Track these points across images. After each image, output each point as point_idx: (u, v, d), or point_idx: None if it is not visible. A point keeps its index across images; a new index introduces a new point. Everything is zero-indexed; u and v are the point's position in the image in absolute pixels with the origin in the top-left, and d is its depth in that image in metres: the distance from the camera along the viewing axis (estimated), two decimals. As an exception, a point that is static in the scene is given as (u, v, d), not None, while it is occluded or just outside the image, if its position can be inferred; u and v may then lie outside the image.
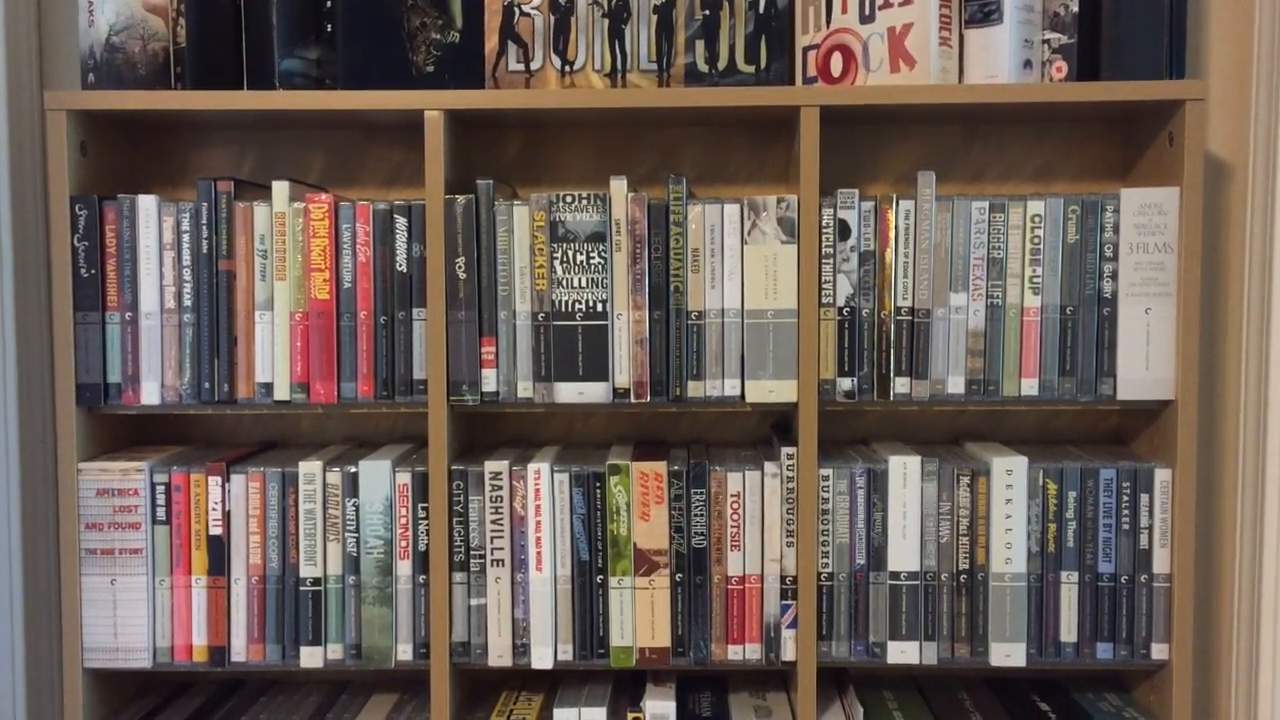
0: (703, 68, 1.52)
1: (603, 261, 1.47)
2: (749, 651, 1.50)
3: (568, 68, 1.53)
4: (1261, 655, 1.45)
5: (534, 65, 1.53)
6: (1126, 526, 1.47)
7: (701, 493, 1.49)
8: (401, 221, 1.48)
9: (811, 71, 1.54)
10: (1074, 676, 1.68)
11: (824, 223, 1.46)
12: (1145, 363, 1.46)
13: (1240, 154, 1.56)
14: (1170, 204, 1.45)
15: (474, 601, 1.50)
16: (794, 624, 1.49)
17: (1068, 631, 1.48)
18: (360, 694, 1.66)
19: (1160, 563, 1.47)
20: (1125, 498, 1.47)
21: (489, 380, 1.49)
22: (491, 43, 1.52)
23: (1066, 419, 1.66)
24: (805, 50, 1.55)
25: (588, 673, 1.66)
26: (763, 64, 1.52)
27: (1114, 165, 1.63)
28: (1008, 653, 1.48)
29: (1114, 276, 1.46)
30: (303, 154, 1.67)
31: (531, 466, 1.49)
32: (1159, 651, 1.48)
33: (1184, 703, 1.47)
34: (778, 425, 1.67)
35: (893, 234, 1.46)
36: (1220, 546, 1.52)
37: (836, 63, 1.52)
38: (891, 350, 1.48)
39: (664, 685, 1.57)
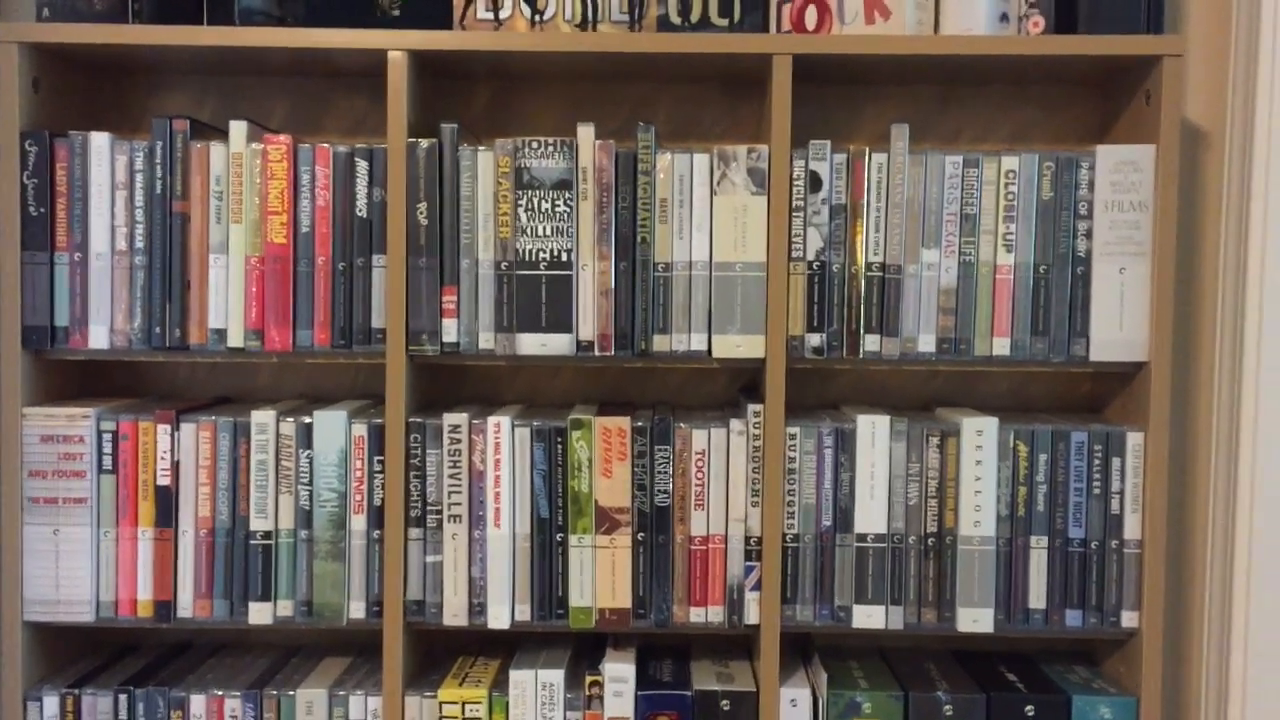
0: (675, 19, 1.49)
1: (568, 210, 1.44)
2: (711, 614, 1.46)
3: (537, 17, 1.49)
4: (1233, 624, 1.42)
5: (503, 14, 1.49)
6: (1098, 491, 1.45)
7: (666, 449, 1.45)
8: (362, 165, 1.44)
9: (786, 25, 1.51)
10: (1042, 649, 1.65)
11: (795, 174, 1.43)
12: (1119, 323, 1.44)
13: (1218, 120, 1.54)
14: (1146, 162, 1.42)
15: (429, 559, 1.46)
16: (758, 586, 1.45)
17: (1036, 598, 1.45)
18: (311, 658, 1.61)
19: (1131, 528, 1.44)
20: (1097, 461, 1.44)
21: (449, 330, 1.45)
22: (459, -14, 1.48)
23: (1039, 386, 1.64)
24: (780, 4, 1.52)
25: (546, 638, 1.62)
26: (736, 17, 1.49)
27: (1091, 128, 1.61)
28: (975, 618, 1.45)
29: (1088, 235, 1.44)
30: (264, 101, 1.63)
31: (492, 420, 1.45)
32: (1129, 619, 1.45)
33: (1154, 672, 1.44)
34: (746, 389, 1.63)
35: (865, 188, 1.44)
36: (1192, 512, 1.50)
37: (811, 16, 1.49)
38: (862, 306, 1.45)
39: (624, 650, 1.53)
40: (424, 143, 1.43)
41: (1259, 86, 1.45)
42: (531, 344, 1.45)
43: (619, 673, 1.46)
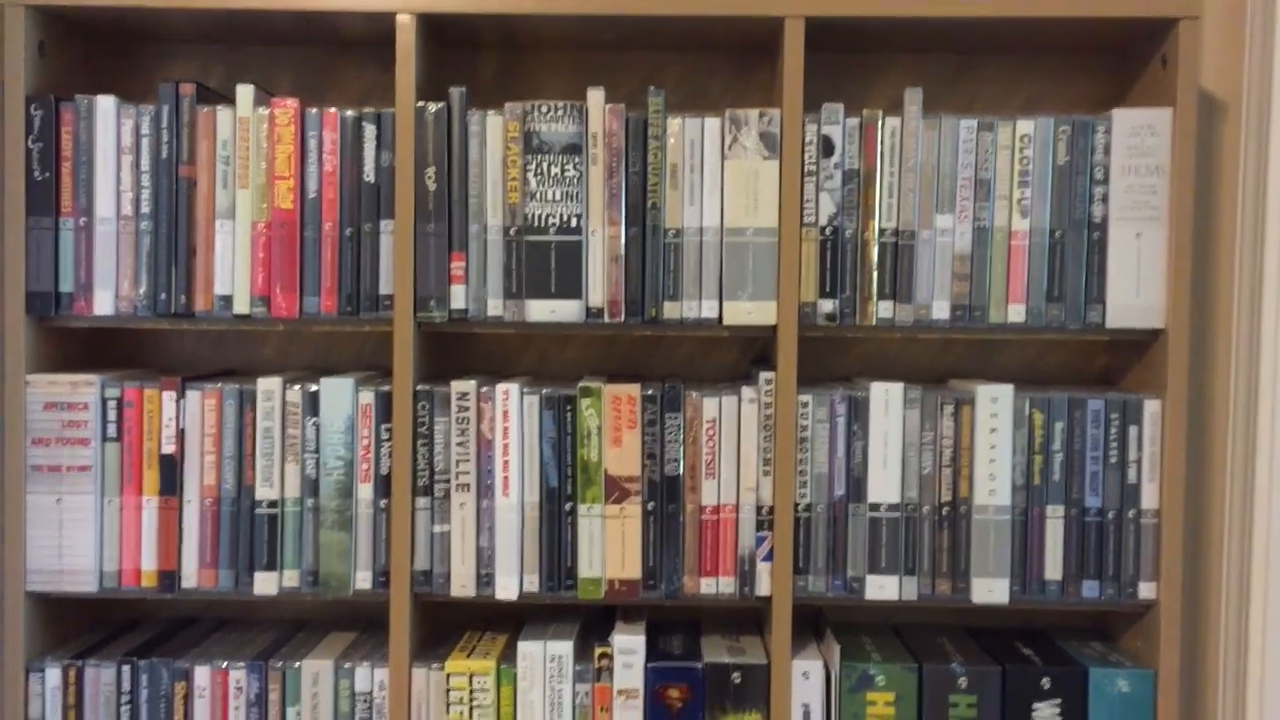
0: (686, -14, 1.47)
1: (578, 175, 1.42)
2: (722, 585, 1.44)
3: (547, -16, 1.48)
4: (1252, 595, 1.40)
5: (512, -19, 1.48)
6: (1114, 460, 1.43)
7: (676, 417, 1.43)
8: (370, 130, 1.43)
9: (797, -9, 1.50)
10: (1058, 625, 1.62)
11: (807, 139, 1.42)
12: (1136, 289, 1.42)
13: (1233, 88, 1.53)
14: (1163, 125, 1.41)
15: (437, 528, 1.44)
16: (769, 556, 1.43)
17: (1053, 568, 1.43)
18: (317, 632, 1.59)
19: (1149, 498, 1.42)
20: (1113, 430, 1.42)
21: (458, 297, 1.43)
22: (468, -50, 1.47)
23: (1054, 359, 1.62)
24: (791, -31, 1.51)
25: (554, 613, 1.60)
26: (747, -17, 1.47)
27: (1106, 98, 1.59)
28: (990, 589, 1.43)
29: (1104, 200, 1.42)
30: (271, 70, 1.62)
31: (500, 387, 1.43)
32: (1146, 590, 1.43)
33: (1172, 644, 1.41)
34: (758, 361, 1.62)
35: (878, 152, 1.42)
36: (1210, 481, 1.48)
37: (823, -19, 1.47)
38: (875, 272, 1.43)
39: (633, 623, 1.51)
40: (432, 106, 1.42)
41: (1276, 53, 1.43)
42: (540, 310, 1.43)
43: (629, 644, 1.44)
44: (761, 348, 1.61)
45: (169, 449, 1.44)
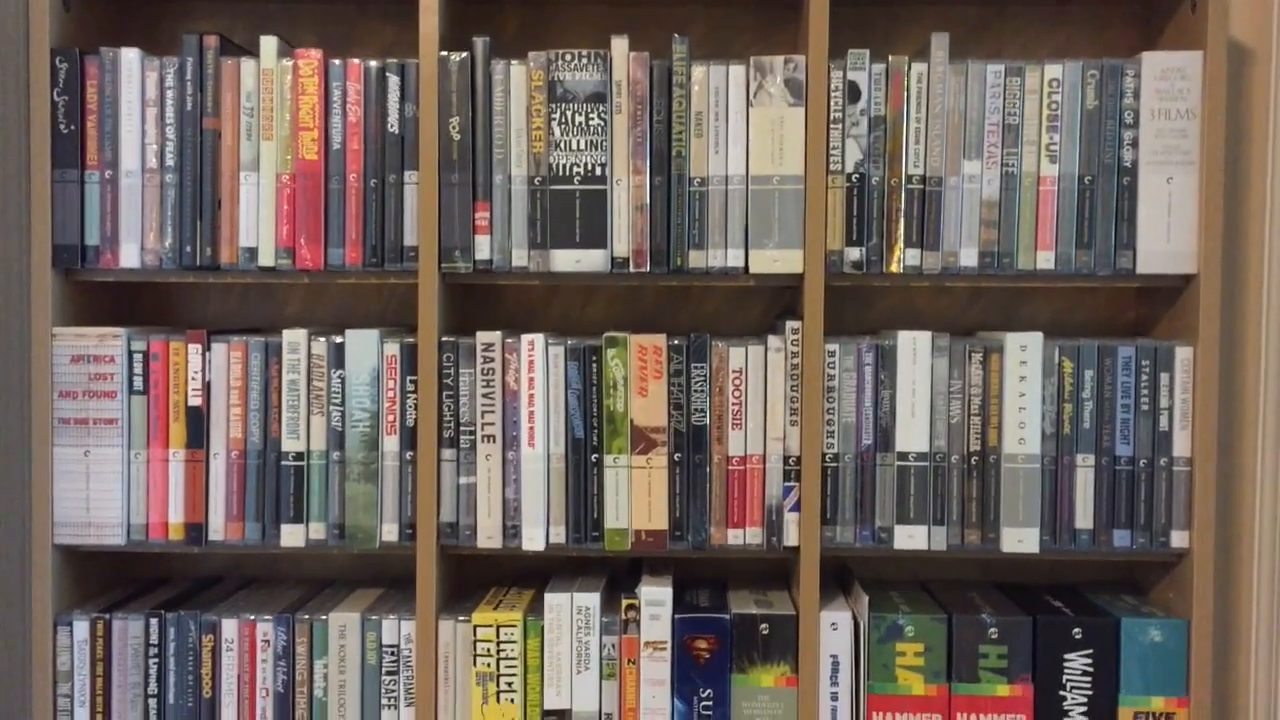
0: (709, -65, 1.47)
1: (602, 123, 1.42)
2: (750, 536, 1.43)
3: (569, -65, 1.47)
4: (1286, 543, 1.39)
5: (534, -67, 1.47)
6: (1145, 407, 1.41)
7: (702, 368, 1.43)
8: (394, 80, 1.42)
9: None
10: (1088, 581, 1.61)
11: (833, 85, 1.41)
12: (1166, 235, 1.41)
13: (1263, 37, 1.50)
14: (1193, 69, 1.39)
15: (463, 480, 1.44)
16: (797, 507, 1.43)
17: (1083, 517, 1.42)
18: (343, 589, 1.59)
19: (1180, 445, 1.41)
20: (1144, 377, 1.41)
21: (482, 247, 1.43)
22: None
23: (1083, 311, 1.60)
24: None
25: (580, 567, 1.59)
26: (771, -68, 1.47)
27: (1133, 47, 1.58)
28: (1020, 538, 1.42)
29: (1134, 144, 1.40)
30: (294, 26, 1.62)
31: (525, 338, 1.42)
32: (1179, 539, 1.41)
33: (1205, 594, 1.40)
34: (784, 314, 1.60)
35: (905, 98, 1.41)
36: (1242, 429, 1.46)
37: (847, -72, 1.46)
38: (902, 220, 1.42)
39: (660, 577, 1.50)
40: (456, 56, 1.41)
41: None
42: (565, 260, 1.42)
43: (656, 596, 1.43)
44: (788, 302, 1.60)
45: (195, 402, 1.44)
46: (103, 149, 1.43)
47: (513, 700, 1.43)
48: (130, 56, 1.42)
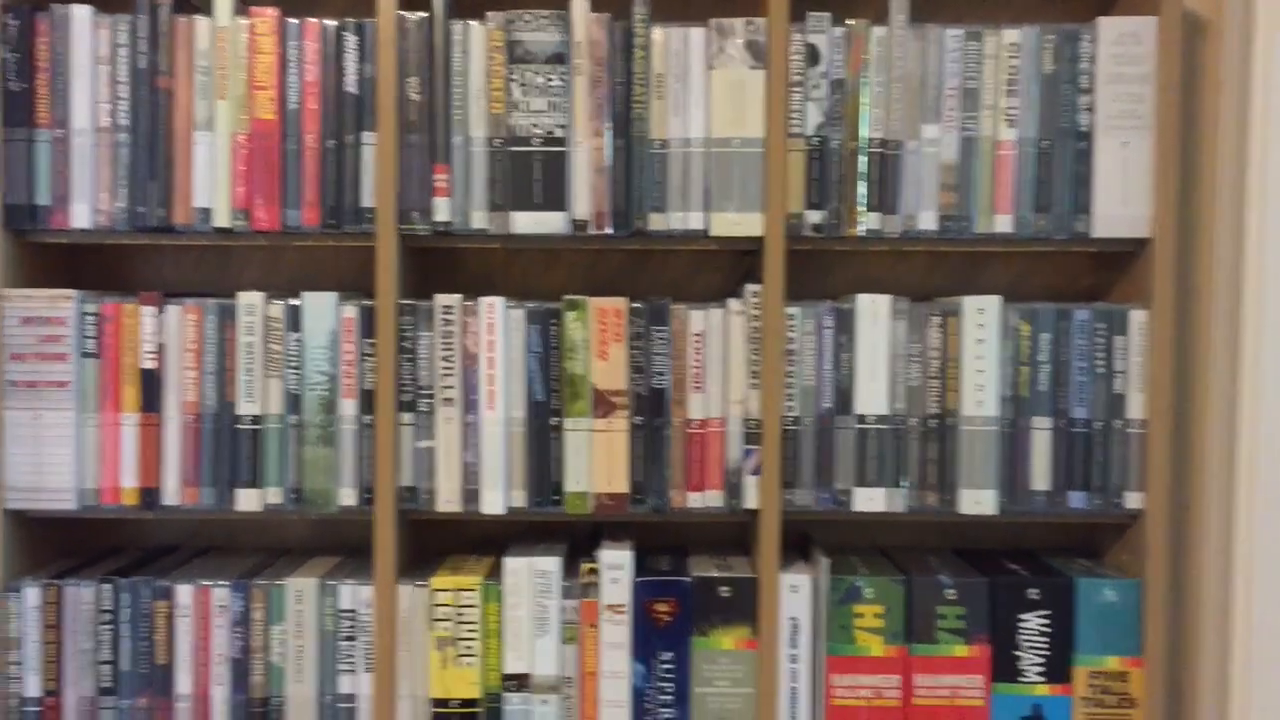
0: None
1: (563, 85, 1.41)
2: (710, 499, 1.43)
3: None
4: (1237, 503, 1.40)
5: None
6: (1101, 370, 1.42)
7: (663, 331, 1.42)
8: (352, 40, 1.41)
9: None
10: (1044, 546, 1.62)
11: (793, 48, 1.41)
12: (1122, 199, 1.42)
13: (1216, 6, 1.52)
14: (1148, 34, 1.41)
15: (422, 444, 1.43)
16: (757, 470, 1.43)
17: (1040, 479, 1.43)
18: (301, 558, 1.57)
19: (1135, 408, 1.42)
20: (1100, 340, 1.42)
21: (441, 209, 1.42)
22: None
23: (1042, 278, 1.61)
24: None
25: (540, 535, 1.59)
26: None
27: (1090, 13, 1.58)
28: (978, 500, 1.43)
29: (1090, 109, 1.42)
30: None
31: (485, 301, 1.41)
32: (1133, 500, 1.43)
33: (1158, 553, 1.42)
34: (745, 281, 1.60)
35: (865, 61, 1.41)
36: (1196, 391, 1.47)
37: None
38: (862, 183, 1.42)
39: (621, 542, 1.50)
40: (414, 16, 1.40)
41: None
42: (525, 222, 1.42)
43: (616, 559, 1.43)
44: (748, 269, 1.60)
45: (149, 365, 1.42)
46: (54, 107, 1.40)
47: (472, 665, 1.42)
48: (82, 13, 1.40)
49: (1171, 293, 1.41)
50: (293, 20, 1.41)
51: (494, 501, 1.42)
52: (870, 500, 1.43)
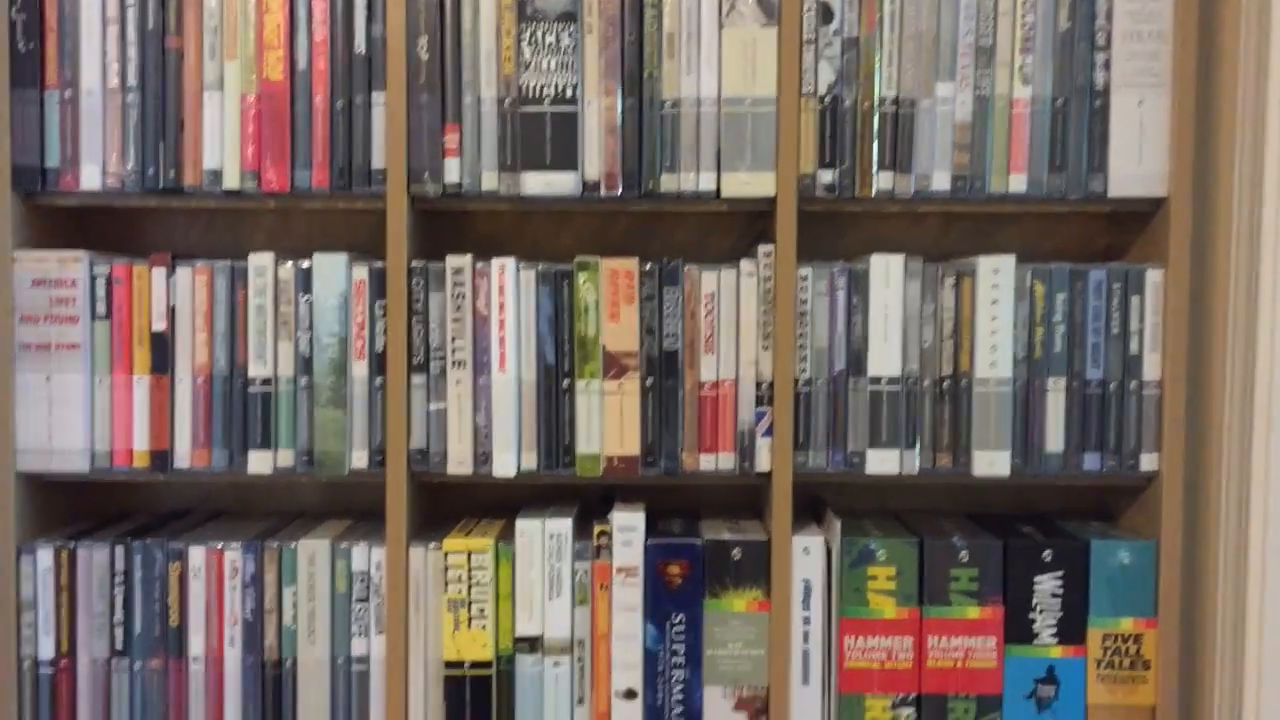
0: None
1: (573, 43, 1.40)
2: (722, 461, 1.43)
3: None
4: (1253, 464, 1.39)
5: None
6: (1116, 331, 1.41)
7: (674, 292, 1.42)
8: (361, -1, 1.40)
9: None
10: (1058, 510, 1.62)
11: (806, 5, 1.39)
12: (1138, 157, 1.41)
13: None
14: (1165, -10, 1.39)
15: (433, 406, 1.42)
16: (769, 432, 1.42)
17: (1054, 441, 1.42)
18: (312, 521, 1.57)
19: (1150, 369, 1.41)
20: (1115, 300, 1.41)
21: (451, 170, 1.41)
22: None
23: (1056, 239, 1.60)
24: None
25: (551, 497, 1.59)
26: None
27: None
28: (991, 461, 1.42)
29: (1106, 66, 1.40)
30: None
31: (496, 262, 1.41)
32: (1148, 462, 1.42)
33: (1174, 516, 1.41)
34: (756, 243, 1.59)
35: (878, 18, 1.40)
36: (1211, 351, 1.46)
37: None
38: (875, 142, 1.41)
39: (633, 505, 1.49)
40: (424, -26, 1.39)
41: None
42: (536, 183, 1.41)
43: (628, 521, 1.43)
44: (759, 233, 1.59)
45: (160, 327, 1.41)
46: (62, 68, 1.40)
47: (484, 627, 1.42)
48: (90, -27, 1.39)
49: (1188, 252, 1.40)
50: (301, -21, 1.40)
51: (505, 464, 1.42)
52: (883, 462, 1.42)
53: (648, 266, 1.41)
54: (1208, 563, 1.47)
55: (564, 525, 1.43)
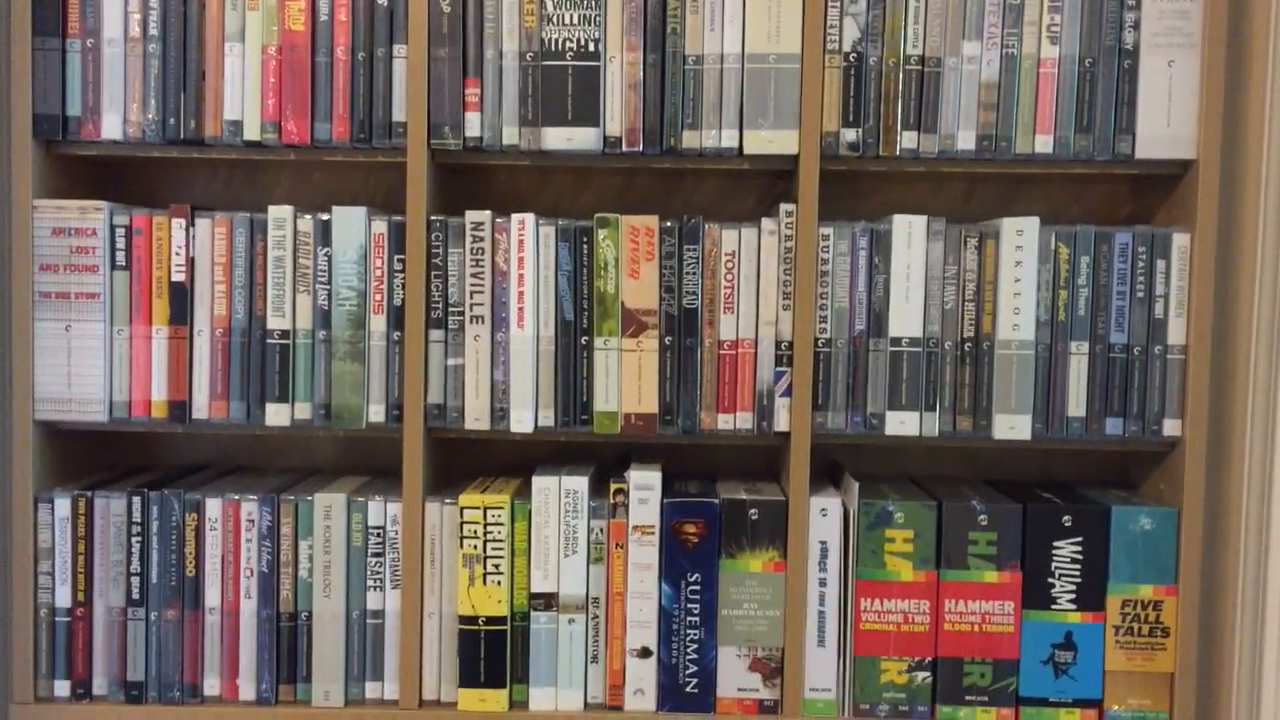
0: None
1: (596, -3, 1.39)
2: (740, 421, 1.42)
3: None
4: (1278, 432, 1.38)
5: None
6: (1141, 294, 1.40)
7: (695, 250, 1.41)
8: (383, -50, 1.39)
9: None
10: (1078, 478, 1.60)
11: (832, -39, 1.38)
12: (1166, 119, 1.39)
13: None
14: (1198, -51, 1.37)
15: (451, 361, 1.42)
16: (788, 392, 1.41)
17: (1075, 405, 1.41)
18: (329, 477, 1.57)
19: (1175, 333, 1.40)
20: (1140, 264, 1.40)
21: (472, 124, 1.40)
22: None
23: (1081, 205, 1.59)
24: None
25: (567, 458, 1.58)
26: None
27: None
28: (1012, 425, 1.41)
29: (1136, 26, 1.38)
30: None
31: (515, 218, 1.40)
32: (1171, 428, 1.40)
33: (1196, 482, 1.39)
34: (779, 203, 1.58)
35: (904, -25, 1.38)
36: (1236, 317, 1.44)
37: None
38: (899, 101, 1.39)
39: (650, 464, 1.49)
40: (447, -75, 1.38)
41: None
42: (557, 138, 1.40)
43: (645, 480, 1.42)
44: (781, 194, 1.58)
45: (179, 278, 1.41)
46: (84, 17, 1.39)
47: (499, 583, 1.42)
48: (112, -79, 1.39)
49: (1215, 216, 1.38)
50: (324, -70, 1.39)
51: (522, 420, 1.42)
52: (902, 424, 1.41)
53: (668, 224, 1.40)
54: (1229, 530, 1.46)
55: (580, 483, 1.42)
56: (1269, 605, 1.39)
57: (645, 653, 1.42)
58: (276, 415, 1.42)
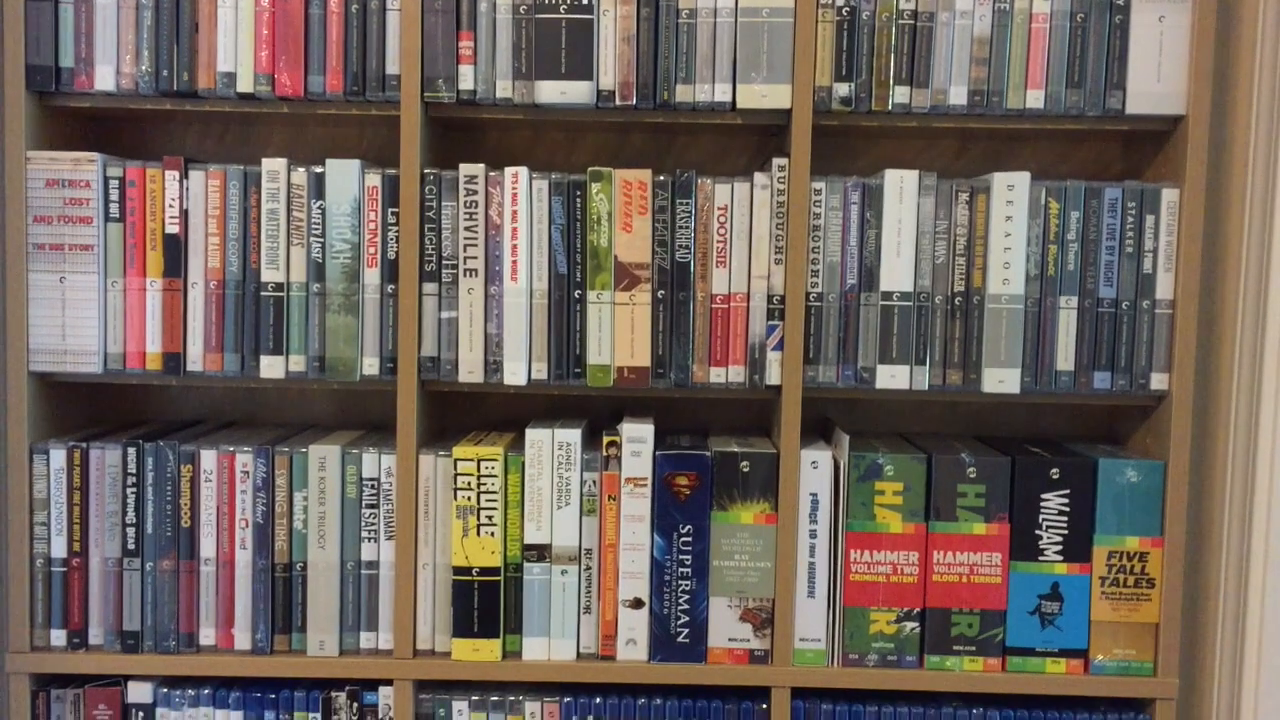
0: None
1: (590, -50, 1.39)
2: (732, 374, 1.43)
3: None
4: (1264, 386, 1.39)
5: None
6: (1130, 249, 1.41)
7: (687, 204, 1.41)
8: (377, -98, 1.39)
9: None
10: (1066, 433, 1.62)
11: (825, -85, 1.38)
12: (1157, 74, 1.39)
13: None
14: (1190, -96, 1.37)
15: (445, 314, 1.43)
16: (780, 346, 1.42)
17: (1064, 359, 1.42)
18: (323, 431, 1.58)
19: (1163, 288, 1.41)
20: (1130, 219, 1.41)
21: (466, 77, 1.40)
22: None
23: (1071, 163, 1.60)
24: None
25: (560, 414, 1.59)
26: None
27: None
28: (1001, 379, 1.42)
29: (1128, -19, 1.39)
30: None
31: (509, 171, 1.41)
32: (1158, 381, 1.42)
33: (1183, 436, 1.41)
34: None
35: (898, -71, 1.38)
36: (1224, 272, 1.46)
37: None
38: (892, 56, 1.40)
39: (642, 419, 1.50)
40: (441, -123, 1.38)
41: None
42: (551, 92, 1.40)
43: (637, 433, 1.43)
44: (774, 150, 1.59)
45: (173, 230, 1.42)
46: (77, -33, 1.39)
47: (493, 534, 1.43)
48: None
49: (1204, 172, 1.39)
50: (317, -119, 1.39)
51: (516, 373, 1.42)
52: (893, 378, 1.42)
53: (661, 178, 1.41)
54: (1214, 483, 1.47)
55: (573, 435, 1.43)
56: (1253, 557, 1.41)
57: (637, 603, 1.44)
58: (271, 368, 1.43)
